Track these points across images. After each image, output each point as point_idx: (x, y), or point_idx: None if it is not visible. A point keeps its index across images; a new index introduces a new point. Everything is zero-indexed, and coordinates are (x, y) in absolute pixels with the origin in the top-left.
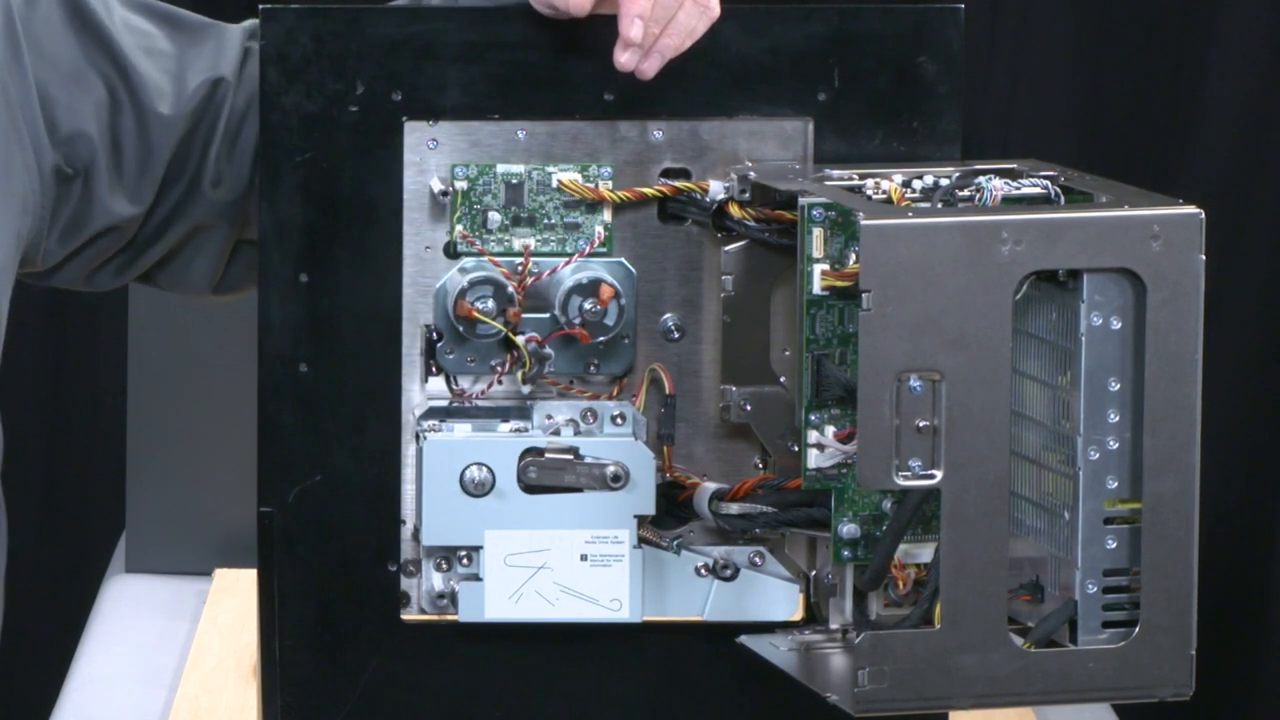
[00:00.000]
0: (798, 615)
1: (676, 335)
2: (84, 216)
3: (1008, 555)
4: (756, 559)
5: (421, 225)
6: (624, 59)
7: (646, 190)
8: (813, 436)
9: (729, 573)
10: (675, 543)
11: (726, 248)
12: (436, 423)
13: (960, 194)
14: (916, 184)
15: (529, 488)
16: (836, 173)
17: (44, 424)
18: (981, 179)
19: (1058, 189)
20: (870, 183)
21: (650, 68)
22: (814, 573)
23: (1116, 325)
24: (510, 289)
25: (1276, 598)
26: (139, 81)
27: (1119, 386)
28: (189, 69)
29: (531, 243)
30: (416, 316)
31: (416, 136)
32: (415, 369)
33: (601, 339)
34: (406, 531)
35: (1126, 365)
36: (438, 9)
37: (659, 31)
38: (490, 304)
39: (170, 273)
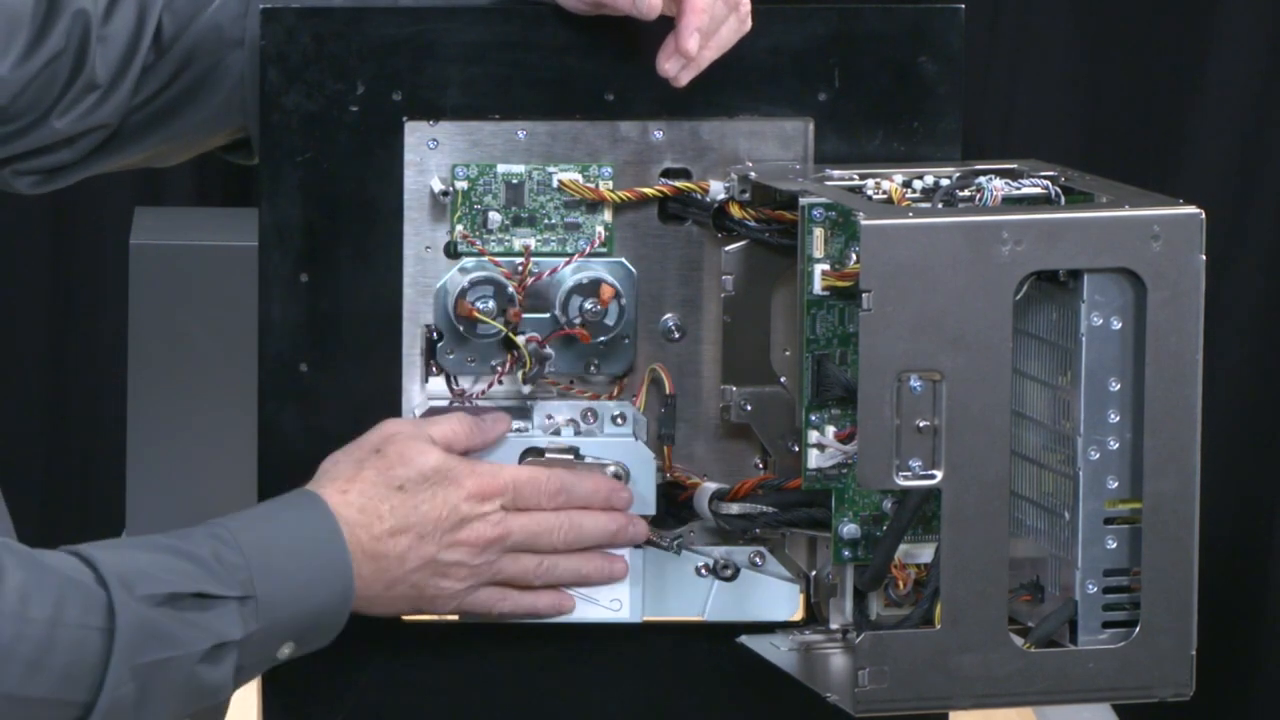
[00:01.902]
0: (798, 615)
1: (677, 335)
2: None
3: (1008, 555)
4: (756, 559)
5: (422, 225)
6: (668, 66)
7: (647, 190)
8: (813, 436)
9: (729, 573)
10: (675, 543)
11: (727, 248)
12: None
13: (960, 194)
14: (917, 184)
15: None
16: (837, 173)
17: (44, 424)
18: (982, 179)
19: (1058, 189)
20: (870, 183)
21: (687, 77)
22: (814, 573)
23: (1116, 325)
24: (510, 289)
25: (1276, 598)
26: None
27: (1119, 386)
28: (52, 3)
29: (532, 243)
30: (417, 316)
31: (417, 136)
32: (415, 369)
33: (601, 339)
34: None
35: (1126, 365)
36: (439, 9)
37: (705, 43)
38: (490, 304)
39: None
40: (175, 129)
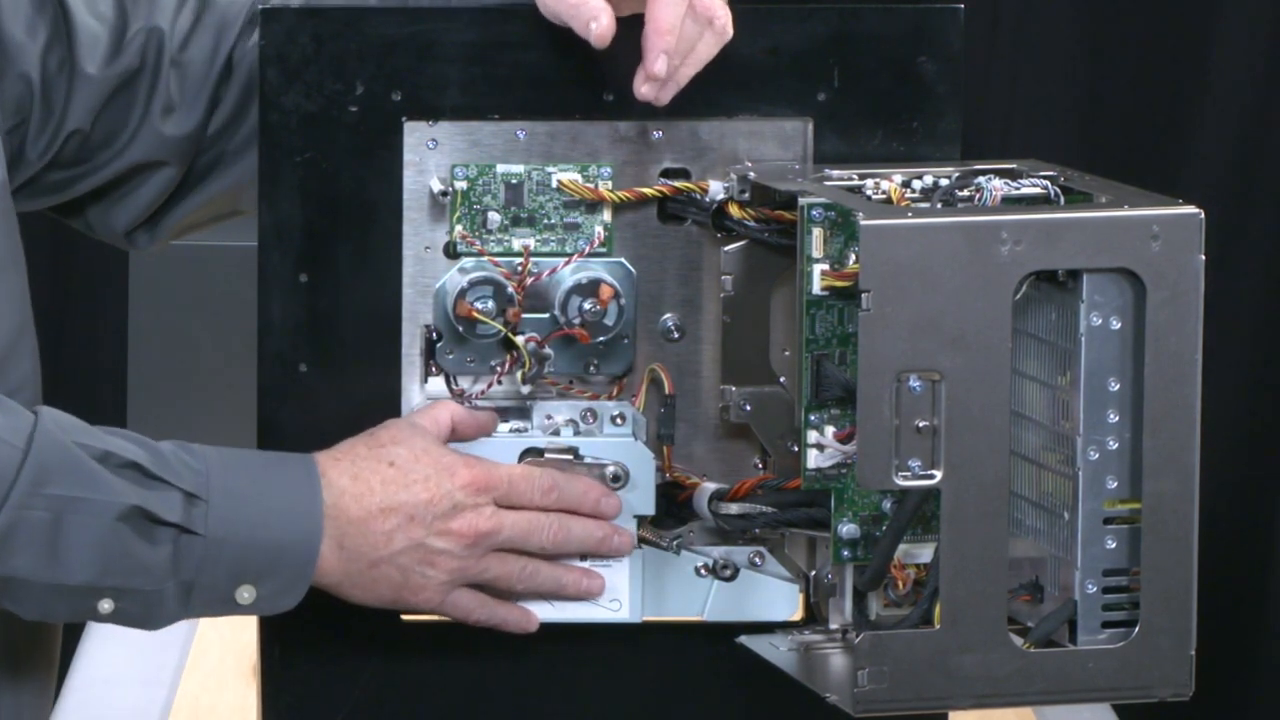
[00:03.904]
0: (798, 615)
1: (676, 335)
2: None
3: (1008, 555)
4: (756, 559)
5: (421, 225)
6: (644, 90)
7: (646, 190)
8: (812, 436)
9: (729, 573)
10: (675, 543)
11: (726, 248)
12: None
13: (960, 194)
14: (916, 184)
15: None
16: (836, 173)
17: None
18: (981, 179)
19: (1058, 189)
20: (870, 183)
21: (667, 96)
22: (814, 573)
23: (1116, 325)
24: (510, 289)
25: (1276, 598)
26: (75, 33)
27: (1119, 386)
28: (125, 20)
29: (531, 243)
30: (416, 316)
31: (416, 136)
32: (415, 369)
33: (601, 339)
34: None
35: (1126, 365)
36: (438, 9)
37: (679, 62)
38: (490, 304)
39: (98, 210)
40: (251, 164)
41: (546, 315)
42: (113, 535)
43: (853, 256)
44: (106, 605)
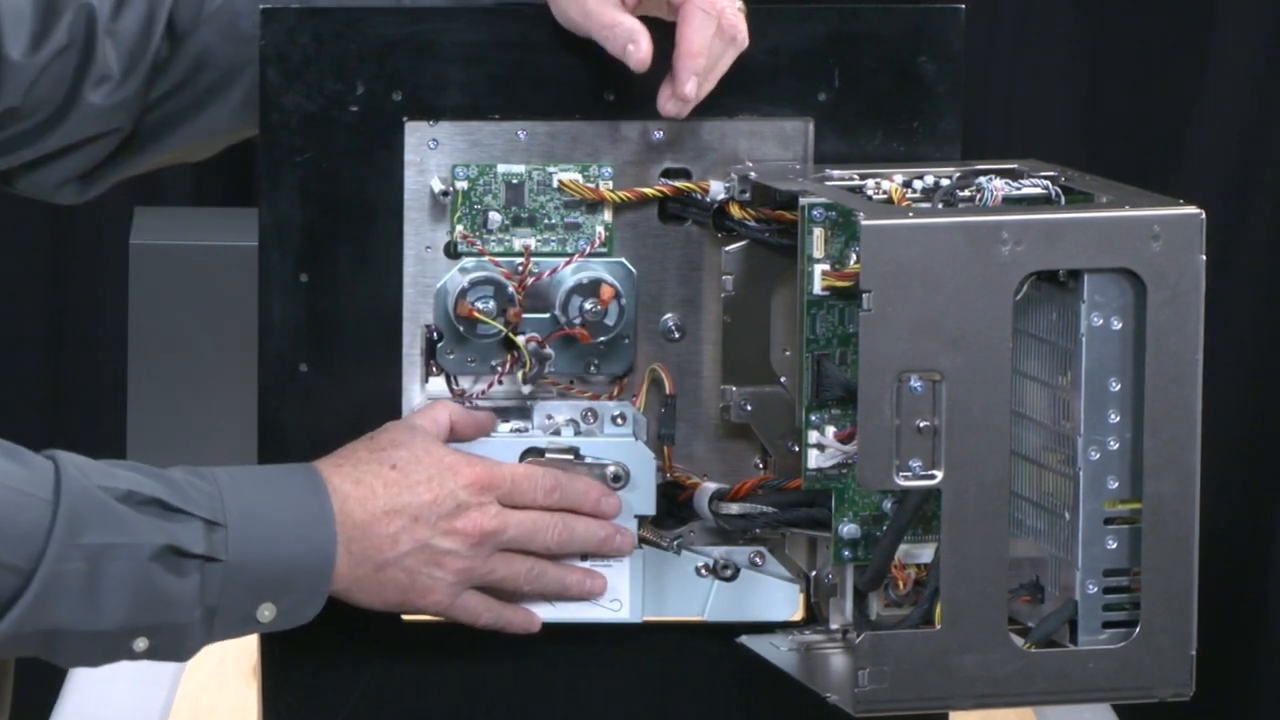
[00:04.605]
0: (798, 615)
1: (677, 335)
2: None
3: (1008, 555)
4: (756, 559)
5: (421, 225)
6: (669, 108)
7: (647, 190)
8: (813, 436)
9: (729, 573)
10: (675, 543)
11: (727, 248)
12: None
13: (960, 194)
14: (917, 184)
15: None
16: (837, 173)
17: (44, 424)
18: (982, 179)
19: (1058, 189)
20: (870, 183)
21: (688, 111)
22: (814, 573)
23: (1117, 325)
24: (510, 289)
25: (1276, 598)
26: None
27: (1119, 387)
28: (50, 9)
29: (532, 243)
30: (417, 316)
31: (417, 136)
32: (415, 369)
33: (602, 339)
34: None
35: (1127, 365)
36: (438, 9)
37: (704, 78)
38: (491, 304)
39: (32, 177)
40: (201, 125)
41: (547, 315)
42: (145, 575)
43: (854, 256)
44: (141, 644)
